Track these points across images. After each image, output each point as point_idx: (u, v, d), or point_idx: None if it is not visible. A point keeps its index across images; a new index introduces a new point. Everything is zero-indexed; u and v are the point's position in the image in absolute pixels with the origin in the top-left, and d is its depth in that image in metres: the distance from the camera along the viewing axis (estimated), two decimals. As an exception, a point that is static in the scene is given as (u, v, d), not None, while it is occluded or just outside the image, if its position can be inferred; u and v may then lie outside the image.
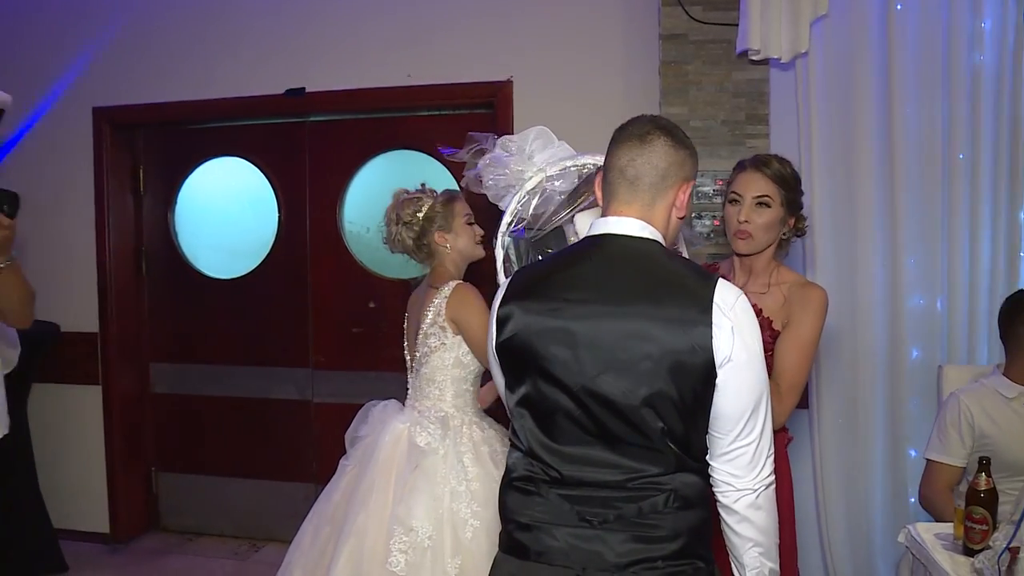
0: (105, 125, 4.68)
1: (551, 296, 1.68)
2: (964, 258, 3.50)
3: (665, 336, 1.60)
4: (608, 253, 1.71)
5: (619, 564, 1.61)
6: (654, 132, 1.73)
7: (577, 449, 1.66)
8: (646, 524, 1.62)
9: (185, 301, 4.89)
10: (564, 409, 1.66)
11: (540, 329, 1.67)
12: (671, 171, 1.73)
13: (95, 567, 4.54)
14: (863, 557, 3.68)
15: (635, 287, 1.65)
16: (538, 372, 1.67)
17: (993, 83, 3.44)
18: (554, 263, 1.78)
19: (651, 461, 1.63)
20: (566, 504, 1.66)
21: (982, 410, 2.84)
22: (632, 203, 1.73)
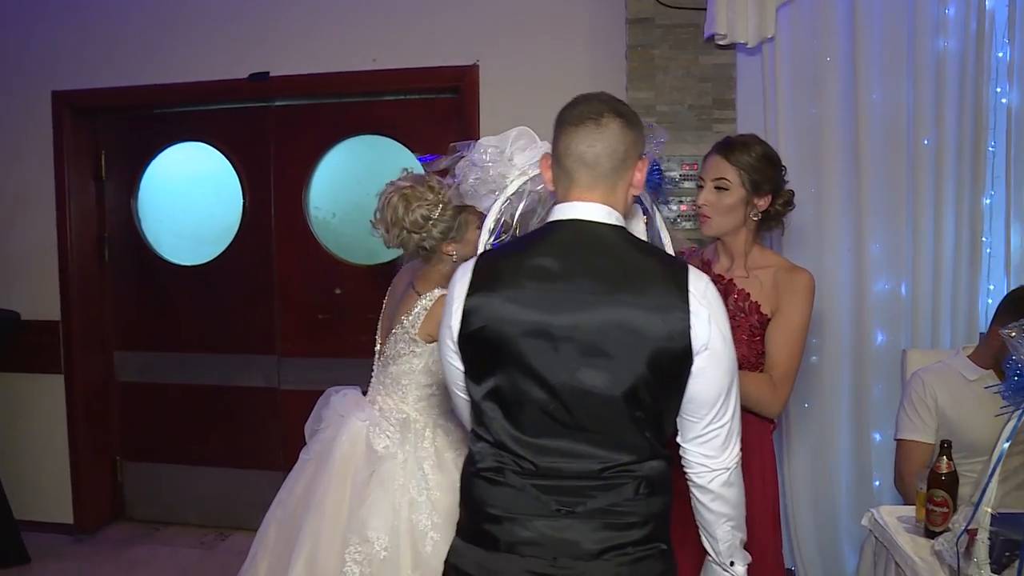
0: (65, 109, 4.60)
1: (523, 284, 1.63)
2: (928, 243, 3.52)
3: (645, 325, 1.58)
4: (579, 239, 1.67)
5: (592, 552, 1.61)
6: (608, 114, 1.68)
7: (550, 440, 1.64)
8: (617, 511, 1.63)
9: (149, 288, 4.83)
10: (538, 401, 1.63)
11: (513, 320, 1.62)
12: (629, 152, 1.70)
13: (59, 558, 4.48)
14: (828, 540, 3.71)
15: (609, 276, 1.62)
16: (512, 364, 1.63)
17: (957, 69, 3.45)
18: (522, 250, 1.71)
19: (624, 450, 1.63)
20: (540, 495, 1.64)
21: (944, 389, 2.86)
22: (595, 188, 1.69)
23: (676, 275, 1.63)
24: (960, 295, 3.50)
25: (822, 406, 3.67)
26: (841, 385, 3.65)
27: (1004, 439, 1.88)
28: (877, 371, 3.61)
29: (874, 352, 3.60)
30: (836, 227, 3.59)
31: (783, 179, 2.45)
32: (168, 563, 4.38)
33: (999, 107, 3.47)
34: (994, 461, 1.86)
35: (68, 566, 4.41)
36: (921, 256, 3.52)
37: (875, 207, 3.56)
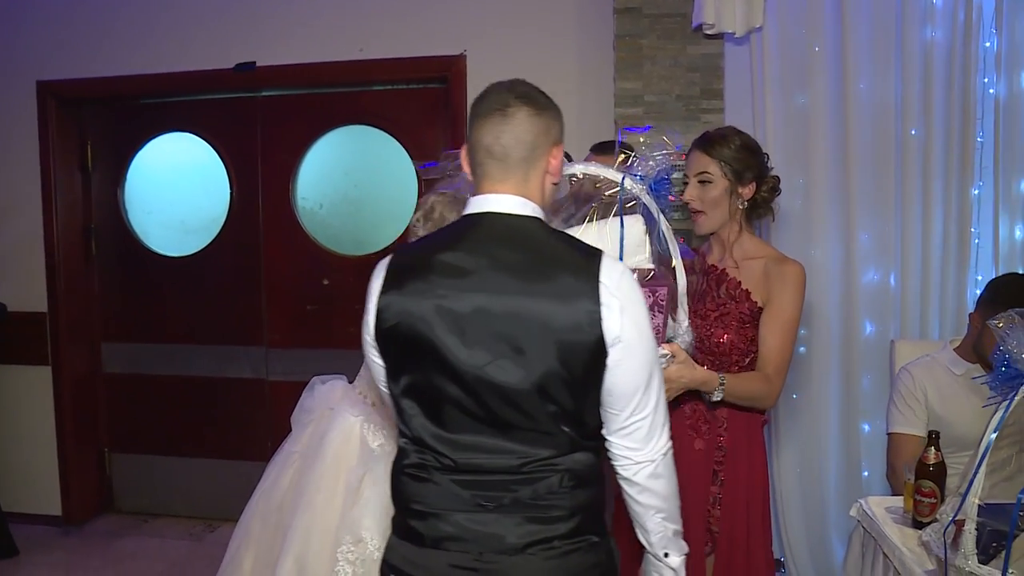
0: (50, 100, 4.57)
1: (434, 280, 1.61)
2: (917, 234, 3.52)
3: (554, 318, 1.56)
4: (490, 233, 1.65)
5: (517, 546, 1.61)
6: (514, 103, 1.65)
7: (468, 436, 1.63)
8: (541, 505, 1.62)
9: (136, 280, 4.81)
10: (453, 397, 1.61)
11: (425, 315, 1.60)
12: (539, 140, 1.67)
13: (47, 550, 4.47)
14: (816, 530, 3.72)
15: (520, 268, 1.60)
16: (426, 361, 1.62)
17: (944, 59, 3.45)
18: (434, 245, 1.69)
19: (544, 444, 1.62)
20: (461, 490, 1.63)
21: (932, 384, 2.87)
22: (506, 180, 1.67)
23: (588, 266, 1.60)
24: (949, 286, 3.50)
25: (811, 397, 3.67)
26: (830, 376, 3.66)
27: (991, 429, 1.88)
28: (866, 362, 3.61)
29: (863, 343, 3.61)
30: (824, 218, 3.59)
31: (766, 166, 2.45)
32: (157, 555, 4.37)
33: (987, 97, 3.46)
34: (981, 451, 1.86)
35: (57, 558, 4.40)
36: (910, 247, 3.52)
37: (863, 198, 3.56)
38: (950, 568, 1.89)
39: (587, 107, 3.91)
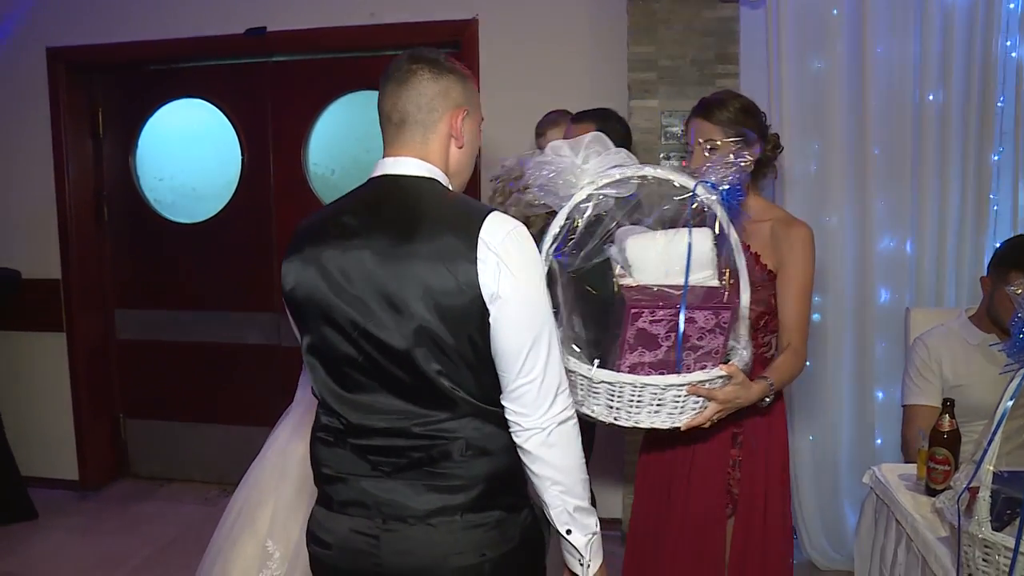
0: (60, 66, 4.55)
1: (327, 243, 1.63)
2: (934, 201, 3.49)
3: (431, 276, 1.54)
4: (381, 194, 1.67)
5: (418, 513, 1.61)
6: (411, 68, 1.67)
7: (364, 396, 1.63)
8: (439, 473, 1.61)
9: (148, 246, 4.81)
10: (346, 356, 1.62)
11: (317, 277, 1.62)
12: (436, 103, 1.67)
13: (65, 514, 4.52)
14: (829, 497, 3.73)
15: (405, 227, 1.59)
16: (320, 320, 1.63)
17: (965, 22, 3.39)
18: (332, 209, 1.71)
19: (436, 406, 1.60)
20: (361, 454, 1.64)
21: (947, 354, 2.84)
22: (405, 144, 1.68)
23: (471, 223, 1.57)
24: (965, 254, 3.47)
25: (825, 364, 3.66)
26: (844, 344, 3.64)
27: (1008, 397, 1.86)
28: (880, 330, 3.60)
29: (877, 311, 3.58)
30: (840, 184, 3.55)
31: (766, 125, 2.40)
32: (172, 519, 4.42)
33: (1008, 61, 3.41)
34: (997, 418, 1.84)
35: (74, 521, 4.44)
36: (926, 214, 3.49)
37: (879, 163, 3.52)
38: (963, 535, 1.88)
39: (600, 71, 3.87)
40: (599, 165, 1.92)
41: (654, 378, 1.83)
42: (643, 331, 1.81)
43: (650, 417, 1.90)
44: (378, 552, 1.62)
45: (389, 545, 1.62)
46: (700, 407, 1.92)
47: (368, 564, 1.64)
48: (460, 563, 1.60)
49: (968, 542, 1.86)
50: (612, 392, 1.85)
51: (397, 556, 1.62)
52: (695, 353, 1.86)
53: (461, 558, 1.61)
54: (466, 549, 1.61)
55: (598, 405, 1.89)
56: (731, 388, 1.93)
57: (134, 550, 4.06)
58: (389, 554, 1.62)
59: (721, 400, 1.93)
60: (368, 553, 1.63)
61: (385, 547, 1.62)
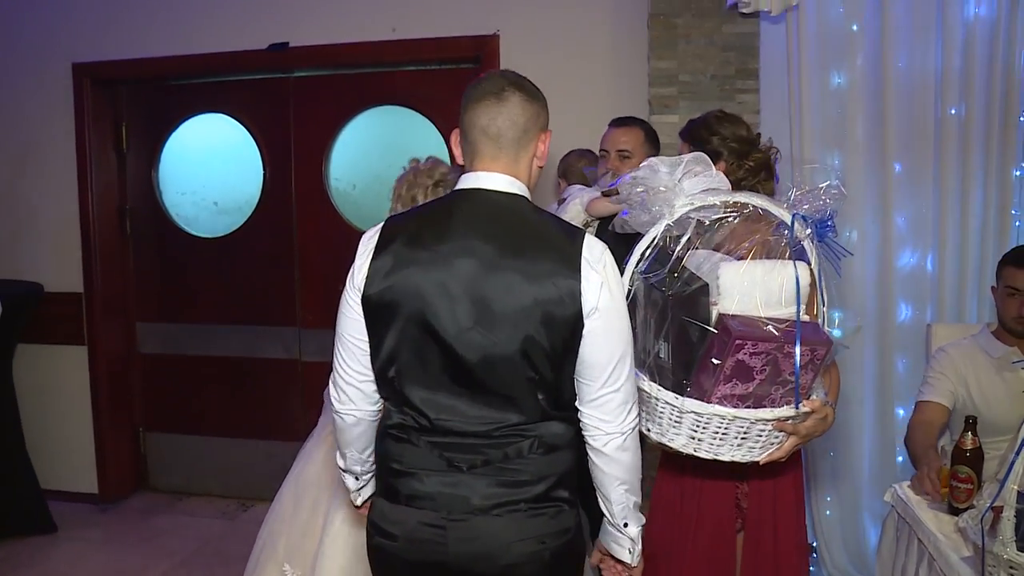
0: (86, 81, 4.60)
1: (425, 248, 1.72)
2: (956, 216, 3.47)
3: (537, 289, 1.67)
4: (479, 208, 1.76)
5: (482, 507, 1.73)
6: (508, 88, 1.77)
7: (446, 399, 1.74)
8: (510, 469, 1.74)
9: (170, 260, 4.85)
10: (436, 361, 1.72)
11: (414, 282, 1.71)
12: (530, 124, 1.79)
13: (84, 527, 4.54)
14: (850, 514, 3.70)
15: (507, 242, 1.70)
16: (412, 324, 1.72)
17: (987, 36, 3.37)
18: (426, 217, 1.80)
19: (516, 411, 1.73)
20: (435, 451, 1.76)
21: (970, 365, 2.85)
22: (498, 159, 1.78)
23: (572, 242, 1.72)
24: (987, 269, 3.43)
25: (845, 380, 3.59)
26: (865, 360, 3.62)
27: (1031, 415, 1.85)
28: (901, 346, 3.57)
29: (899, 326, 3.56)
30: (860, 199, 3.54)
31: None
32: (190, 532, 4.43)
33: (1031, 75, 3.40)
34: (1021, 437, 1.83)
35: (93, 534, 4.47)
36: (948, 229, 3.47)
37: (900, 178, 3.51)
38: (988, 555, 1.87)
39: (621, 86, 3.88)
40: (694, 187, 1.91)
41: (745, 411, 1.82)
42: (741, 363, 1.79)
43: (731, 450, 1.89)
44: (445, 541, 1.74)
45: (455, 534, 1.74)
46: (780, 441, 1.92)
47: (435, 553, 1.76)
48: (522, 549, 1.74)
49: (992, 562, 1.85)
50: (698, 423, 1.84)
51: (463, 544, 1.74)
52: (783, 388, 1.85)
53: (523, 545, 1.74)
54: (528, 536, 1.74)
55: (679, 435, 1.88)
56: (812, 423, 1.93)
57: (152, 563, 4.07)
58: (455, 542, 1.74)
59: (803, 435, 1.93)
60: (435, 543, 1.75)
61: (452, 536, 1.74)
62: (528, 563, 1.75)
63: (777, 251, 1.90)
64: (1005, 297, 2.82)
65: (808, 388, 1.88)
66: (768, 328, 1.79)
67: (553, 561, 1.77)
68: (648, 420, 1.90)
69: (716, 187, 1.92)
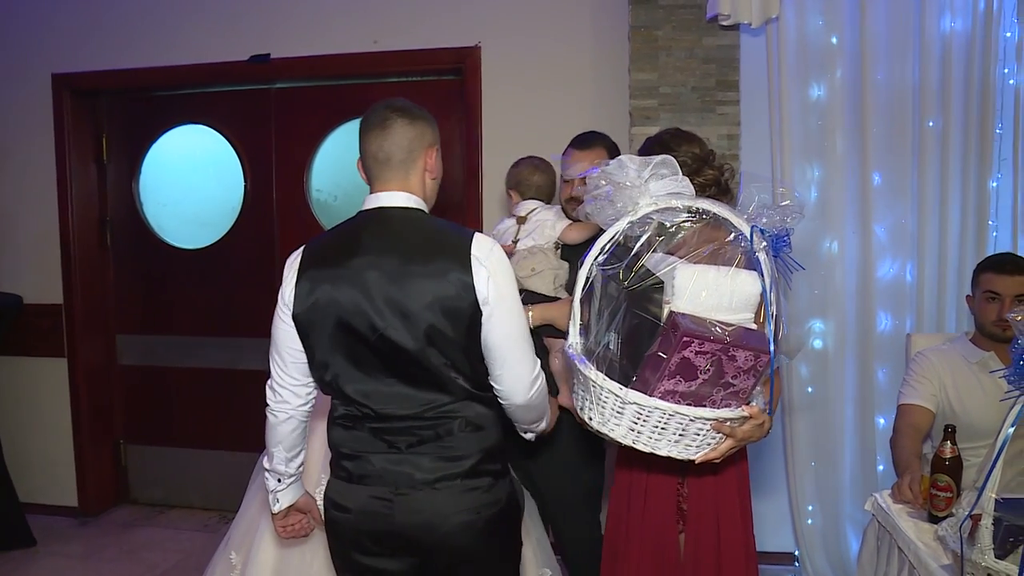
0: (65, 92, 4.58)
1: (340, 266, 1.96)
2: (934, 227, 3.50)
3: (436, 286, 1.91)
4: (383, 222, 2.01)
5: (425, 480, 1.99)
6: (391, 116, 2.02)
7: (382, 388, 1.99)
8: (444, 446, 2.00)
9: (151, 272, 4.82)
10: (364, 358, 1.97)
11: (335, 295, 1.95)
12: (414, 145, 2.04)
13: (64, 541, 4.50)
14: (831, 523, 3.71)
15: (408, 249, 1.95)
16: (338, 331, 1.96)
17: (964, 49, 3.42)
18: (338, 236, 2.05)
19: (443, 392, 1.99)
20: (377, 436, 2.02)
21: (948, 370, 2.88)
22: (392, 179, 2.03)
23: (462, 242, 1.96)
24: (965, 279, 3.45)
25: (826, 390, 3.65)
26: (845, 369, 3.64)
27: (1009, 424, 1.86)
28: (882, 355, 3.60)
29: (879, 336, 3.59)
30: (840, 210, 3.57)
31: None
32: (171, 545, 4.40)
33: (1007, 88, 3.44)
34: (999, 446, 1.85)
35: (73, 548, 4.42)
36: (927, 240, 3.50)
37: (880, 190, 3.54)
38: (966, 563, 1.88)
39: (602, 98, 3.89)
40: (660, 188, 1.95)
41: (685, 408, 1.84)
42: (687, 360, 1.81)
43: (669, 446, 1.91)
44: (392, 512, 2.00)
45: (401, 506, 1.99)
46: (716, 442, 1.93)
47: (384, 523, 2.01)
48: (459, 519, 2.00)
49: (971, 570, 1.86)
50: (639, 415, 1.87)
51: (408, 515, 1.99)
52: (724, 390, 1.87)
53: (460, 515, 2.00)
54: (464, 508, 2.01)
55: (619, 426, 1.90)
56: (749, 427, 1.94)
57: (133, 577, 4.04)
58: (401, 513, 1.99)
59: (738, 438, 1.94)
60: (383, 515, 2.00)
61: (397, 508, 2.00)
62: (464, 531, 2.01)
63: (733, 260, 1.93)
64: (985, 303, 2.85)
65: (749, 394, 1.91)
66: (716, 329, 1.82)
67: (486, 527, 2.03)
68: (591, 408, 1.93)
69: (681, 192, 1.95)
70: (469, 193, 4.09)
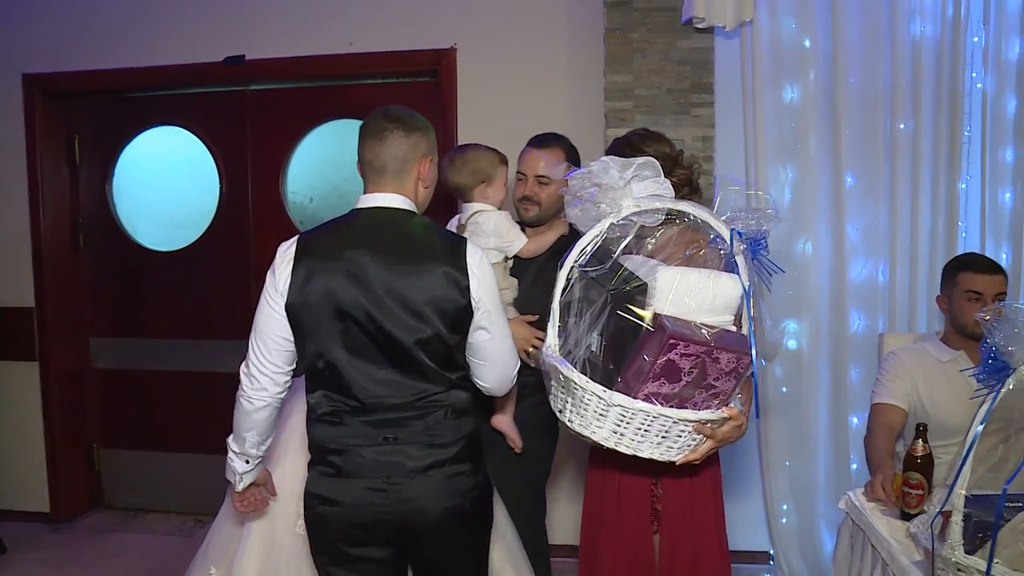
0: (37, 93, 4.54)
1: (334, 258, 2.05)
2: (906, 228, 3.54)
3: (435, 287, 2.04)
4: (376, 221, 2.12)
5: (416, 468, 2.08)
6: (387, 127, 2.12)
7: (375, 375, 2.06)
8: (431, 434, 2.09)
9: (125, 274, 4.78)
10: (357, 348, 2.04)
11: (329, 286, 2.03)
12: (409, 155, 2.14)
13: (36, 547, 4.44)
14: (806, 522, 3.74)
15: (402, 248, 2.07)
16: (332, 320, 2.04)
17: (933, 54, 3.47)
18: (334, 229, 2.14)
19: (430, 382, 2.08)
20: (366, 428, 2.08)
21: (920, 369, 2.90)
22: (387, 184, 2.14)
23: (457, 249, 2.10)
24: (936, 280, 3.48)
25: (800, 390, 3.68)
26: (819, 369, 3.67)
27: (979, 421, 1.89)
28: (855, 355, 3.63)
29: (852, 336, 3.62)
30: (813, 211, 3.61)
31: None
32: (147, 550, 4.36)
33: (975, 92, 3.49)
34: (968, 444, 1.87)
35: (45, 555, 4.37)
36: (898, 241, 3.54)
37: (852, 191, 3.58)
38: (937, 559, 1.90)
39: (577, 100, 3.91)
40: (642, 190, 1.96)
41: (669, 410, 1.85)
42: (672, 362, 1.82)
43: (651, 448, 1.92)
44: (387, 502, 2.07)
45: (395, 495, 2.07)
46: (697, 443, 1.95)
47: (378, 513, 2.08)
48: (449, 503, 2.10)
49: (942, 565, 1.88)
50: (622, 418, 1.87)
51: (401, 503, 2.07)
52: (706, 392, 1.89)
53: (450, 499, 2.11)
54: (453, 492, 2.11)
55: (601, 428, 1.90)
56: (728, 428, 1.97)
57: (107, 583, 4.00)
58: (394, 502, 2.07)
59: (718, 439, 1.96)
60: (378, 504, 2.08)
61: (392, 497, 2.07)
62: (454, 513, 2.11)
63: (712, 263, 1.96)
64: (966, 302, 2.83)
65: (730, 396, 1.94)
66: (702, 332, 1.84)
67: (472, 509, 2.16)
68: (572, 412, 1.93)
69: (661, 194, 1.97)
70: (443, 194, 4.08)
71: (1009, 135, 3.49)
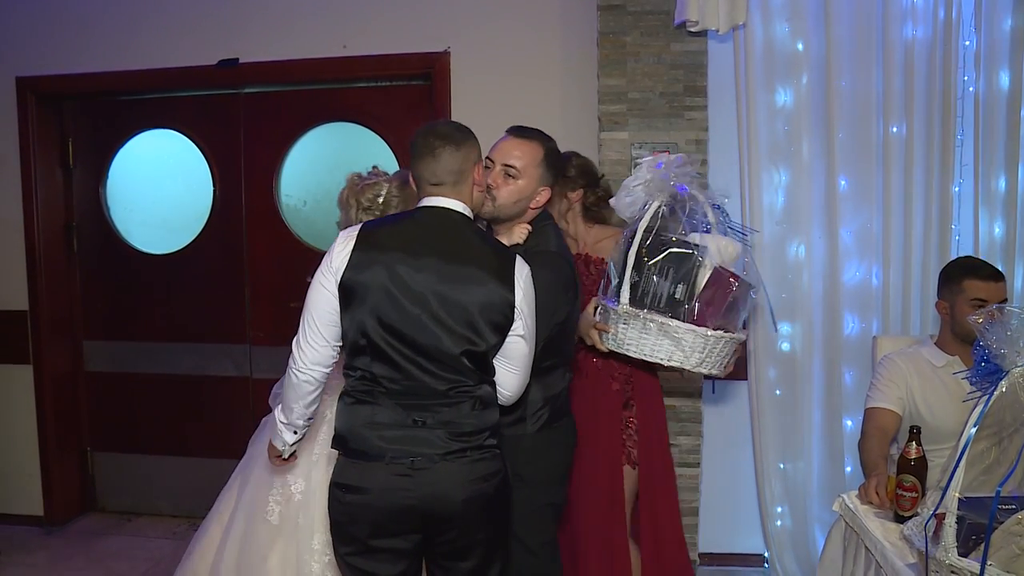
0: (30, 96, 4.52)
1: (393, 249, 2.18)
2: (899, 231, 3.55)
3: (484, 295, 2.17)
4: (437, 221, 2.25)
5: (439, 453, 2.17)
6: (438, 145, 2.24)
7: (419, 359, 2.16)
8: (456, 423, 2.19)
9: (119, 277, 4.77)
10: (407, 332, 2.15)
11: (384, 273, 2.15)
12: (464, 166, 2.27)
13: (29, 551, 4.44)
14: (800, 525, 3.75)
15: (458, 252, 2.20)
16: (380, 304, 2.15)
17: (925, 57, 3.48)
18: (396, 223, 2.30)
19: (463, 375, 2.20)
20: (399, 410, 2.18)
21: (914, 373, 2.89)
22: (445, 192, 2.27)
23: (507, 261, 2.25)
24: (930, 282, 3.52)
25: (794, 393, 3.69)
26: (813, 372, 3.68)
27: (972, 424, 1.89)
28: (849, 358, 3.64)
29: (846, 339, 3.63)
30: (807, 214, 3.61)
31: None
32: (140, 554, 4.35)
33: (967, 95, 3.50)
34: (962, 446, 1.88)
35: (39, 559, 4.36)
36: (892, 243, 3.55)
37: (846, 194, 3.59)
38: (931, 561, 1.91)
39: (571, 104, 3.92)
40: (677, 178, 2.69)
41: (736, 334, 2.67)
42: (728, 299, 2.61)
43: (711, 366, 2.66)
44: (412, 487, 2.16)
45: (420, 479, 2.16)
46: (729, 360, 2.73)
47: (405, 499, 2.17)
48: (473, 488, 2.20)
49: (936, 568, 1.89)
50: (705, 346, 2.59)
51: (426, 487, 2.16)
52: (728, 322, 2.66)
53: (473, 484, 2.20)
54: (476, 476, 2.21)
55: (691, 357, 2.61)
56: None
57: (101, 586, 3.99)
58: (420, 486, 2.16)
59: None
60: (404, 490, 2.16)
61: (417, 482, 2.16)
62: (478, 498, 2.20)
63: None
64: (971, 309, 2.77)
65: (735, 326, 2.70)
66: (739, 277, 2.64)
67: (495, 493, 2.25)
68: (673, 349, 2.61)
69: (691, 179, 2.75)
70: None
71: (1001, 138, 3.50)
